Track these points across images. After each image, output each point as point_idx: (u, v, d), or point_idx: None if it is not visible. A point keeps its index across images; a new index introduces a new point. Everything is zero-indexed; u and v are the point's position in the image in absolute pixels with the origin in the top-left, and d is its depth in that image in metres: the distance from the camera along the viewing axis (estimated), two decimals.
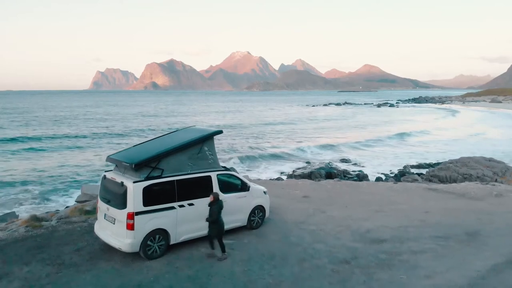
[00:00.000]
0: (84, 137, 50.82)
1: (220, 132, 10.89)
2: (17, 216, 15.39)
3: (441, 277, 8.74)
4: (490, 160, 30.37)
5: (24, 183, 26.32)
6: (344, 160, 36.62)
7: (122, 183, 9.01)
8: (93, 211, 12.18)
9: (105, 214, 9.45)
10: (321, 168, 30.07)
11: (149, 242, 9.04)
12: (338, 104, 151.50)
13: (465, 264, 9.46)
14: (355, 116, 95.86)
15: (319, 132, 61.74)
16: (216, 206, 9.22)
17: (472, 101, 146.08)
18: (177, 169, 9.65)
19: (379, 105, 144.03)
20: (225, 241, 10.39)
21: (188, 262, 9.12)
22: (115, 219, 9.15)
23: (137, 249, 8.92)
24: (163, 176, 9.33)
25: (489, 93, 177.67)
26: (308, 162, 35.07)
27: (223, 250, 9.45)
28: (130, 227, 8.74)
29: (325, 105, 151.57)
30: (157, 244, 9.19)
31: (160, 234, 9.20)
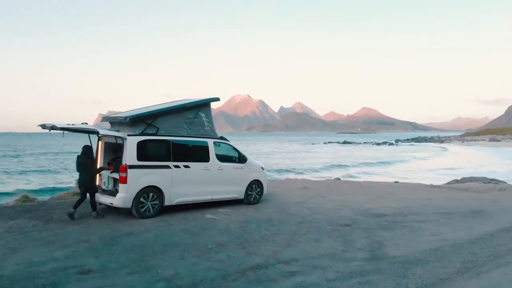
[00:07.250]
0: None
1: (217, 99, 10.81)
2: None
3: (447, 235, 8.34)
4: (492, 180, 30.18)
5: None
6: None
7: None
8: None
9: None
10: None
11: (142, 200, 8.71)
12: (347, 143, 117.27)
13: (472, 228, 9.07)
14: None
15: None
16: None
17: (471, 140, 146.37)
18: (173, 131, 9.50)
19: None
20: (221, 210, 10.08)
21: (182, 221, 8.74)
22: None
23: (129, 204, 8.56)
24: (158, 134, 9.17)
25: (488, 132, 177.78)
26: None
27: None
28: (123, 180, 8.44)
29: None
30: (150, 202, 8.83)
31: (154, 192, 8.88)
